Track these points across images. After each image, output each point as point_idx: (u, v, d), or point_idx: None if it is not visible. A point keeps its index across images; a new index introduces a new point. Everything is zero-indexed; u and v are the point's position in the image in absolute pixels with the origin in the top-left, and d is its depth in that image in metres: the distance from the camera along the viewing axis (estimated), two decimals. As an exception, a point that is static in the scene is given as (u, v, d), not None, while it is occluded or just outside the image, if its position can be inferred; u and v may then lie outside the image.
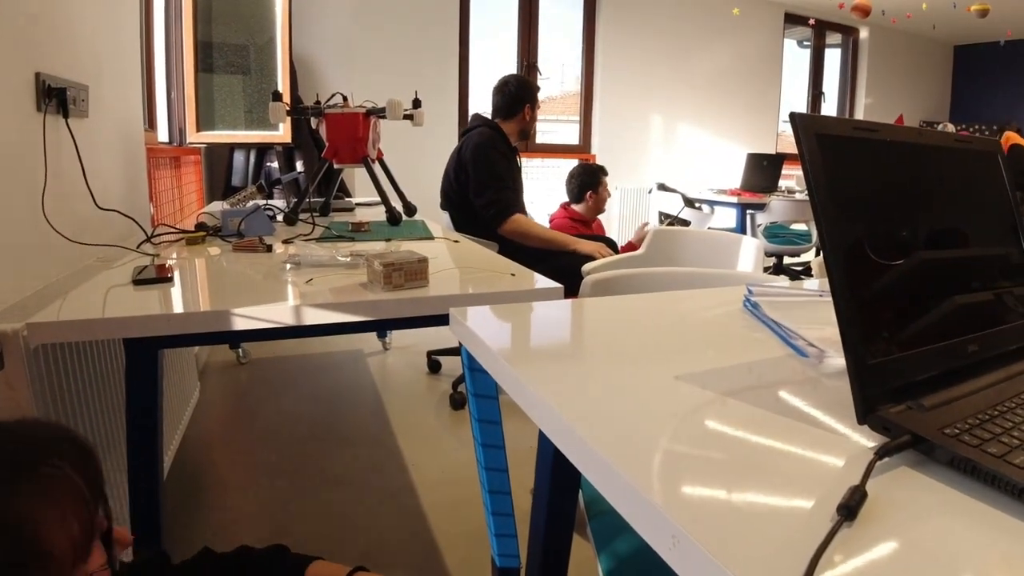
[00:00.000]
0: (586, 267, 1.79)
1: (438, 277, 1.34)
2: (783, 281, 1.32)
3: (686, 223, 4.08)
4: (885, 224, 0.66)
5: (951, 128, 8.04)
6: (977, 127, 8.07)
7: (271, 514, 2.05)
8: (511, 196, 2.85)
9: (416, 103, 2.50)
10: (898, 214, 0.68)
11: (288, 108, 2.40)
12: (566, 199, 3.67)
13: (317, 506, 2.09)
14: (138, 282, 1.32)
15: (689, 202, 4.84)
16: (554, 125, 6.23)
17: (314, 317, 1.19)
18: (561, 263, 2.63)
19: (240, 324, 1.16)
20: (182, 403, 2.50)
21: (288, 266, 1.51)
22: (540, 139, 5.86)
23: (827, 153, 0.61)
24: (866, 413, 0.58)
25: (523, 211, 2.91)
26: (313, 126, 3.71)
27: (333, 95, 2.47)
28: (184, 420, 2.53)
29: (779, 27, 6.92)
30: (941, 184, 0.74)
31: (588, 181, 3.54)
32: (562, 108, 6.28)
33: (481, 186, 2.81)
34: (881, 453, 0.52)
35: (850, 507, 0.45)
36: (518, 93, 3.02)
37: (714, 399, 0.67)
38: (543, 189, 6.02)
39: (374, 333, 3.79)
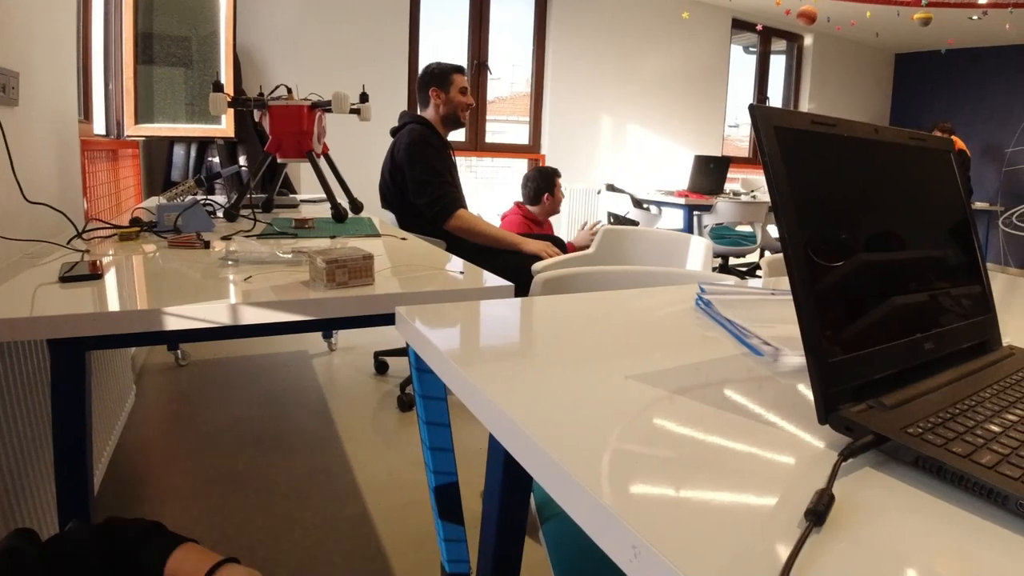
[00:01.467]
0: (536, 266, 1.76)
1: (384, 275, 1.30)
2: (730, 280, 1.31)
3: (634, 223, 4.10)
4: (843, 219, 0.65)
5: (890, 134, 8.26)
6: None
7: (211, 523, 1.97)
8: (452, 192, 2.81)
9: (363, 97, 2.44)
10: (856, 209, 0.67)
11: (230, 99, 2.32)
12: (519, 198, 3.66)
13: (260, 513, 2.02)
14: (65, 279, 1.25)
15: (637, 203, 4.87)
16: (504, 125, 6.20)
17: (253, 316, 1.13)
18: (508, 262, 2.61)
19: (173, 324, 1.10)
20: (116, 408, 2.40)
21: (227, 263, 1.45)
22: (490, 139, 5.83)
23: (786, 146, 0.59)
24: (828, 413, 0.56)
25: (465, 206, 2.88)
26: (256, 119, 3.61)
27: (277, 87, 2.40)
28: (118, 426, 2.42)
29: (726, 32, 7.02)
30: (897, 181, 0.73)
31: (544, 185, 3.56)
32: (512, 108, 6.27)
33: (420, 185, 2.76)
34: (845, 454, 0.51)
35: (818, 512, 0.43)
36: (425, 79, 2.97)
37: (669, 399, 0.65)
38: (493, 188, 5.99)
39: (319, 333, 3.71)
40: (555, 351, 0.82)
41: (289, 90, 2.39)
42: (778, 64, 7.90)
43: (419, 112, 3.00)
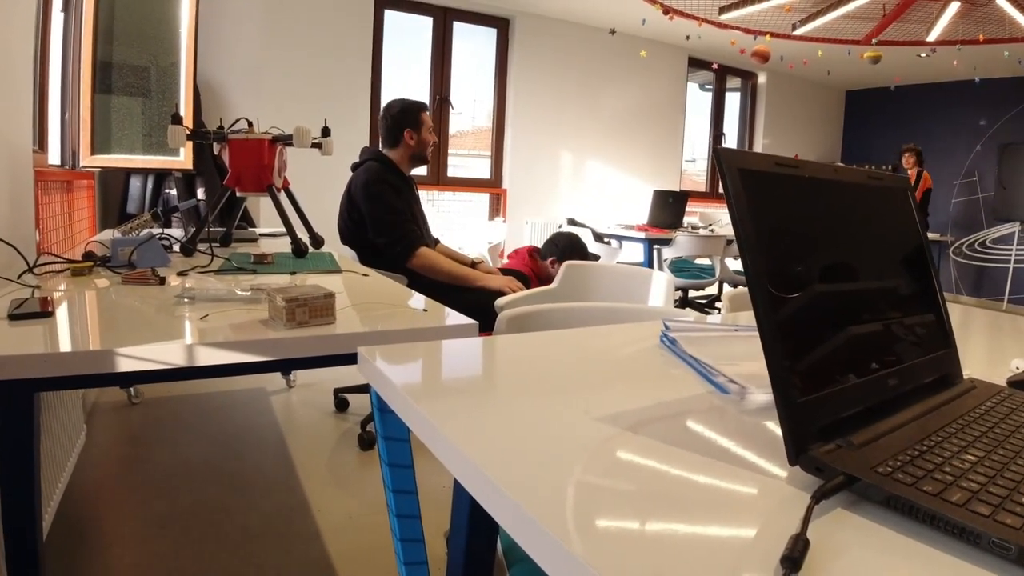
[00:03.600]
0: (499, 302, 1.75)
1: (346, 313, 1.27)
2: (692, 315, 1.32)
3: (595, 257, 4.12)
4: (807, 258, 0.65)
5: (842, 169, 8.48)
6: (866, 167, 8.47)
7: (164, 568, 1.90)
8: (413, 229, 2.79)
9: (325, 132, 2.43)
10: (820, 248, 0.67)
11: (189, 132, 2.29)
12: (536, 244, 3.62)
13: (214, 558, 1.95)
14: (14, 317, 1.20)
15: (598, 237, 4.91)
16: (465, 160, 6.23)
17: (209, 357, 1.10)
18: (471, 298, 2.59)
19: (126, 365, 1.06)
20: (66, 448, 2.31)
21: (183, 300, 1.42)
22: (452, 172, 5.85)
23: (750, 188, 0.59)
24: (798, 454, 0.55)
25: (427, 243, 2.85)
26: (216, 152, 3.57)
27: (237, 120, 2.38)
28: (68, 466, 2.33)
29: (683, 70, 7.18)
30: (858, 220, 0.74)
31: (556, 251, 3.51)
32: (474, 143, 6.30)
33: (380, 225, 2.74)
34: (817, 496, 0.50)
35: (793, 558, 0.42)
36: (397, 119, 2.95)
37: (636, 440, 0.64)
38: (455, 222, 5.99)
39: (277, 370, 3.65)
40: (519, 391, 0.81)
41: (250, 123, 2.37)
42: (733, 101, 8.10)
43: (382, 149, 2.98)
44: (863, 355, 0.67)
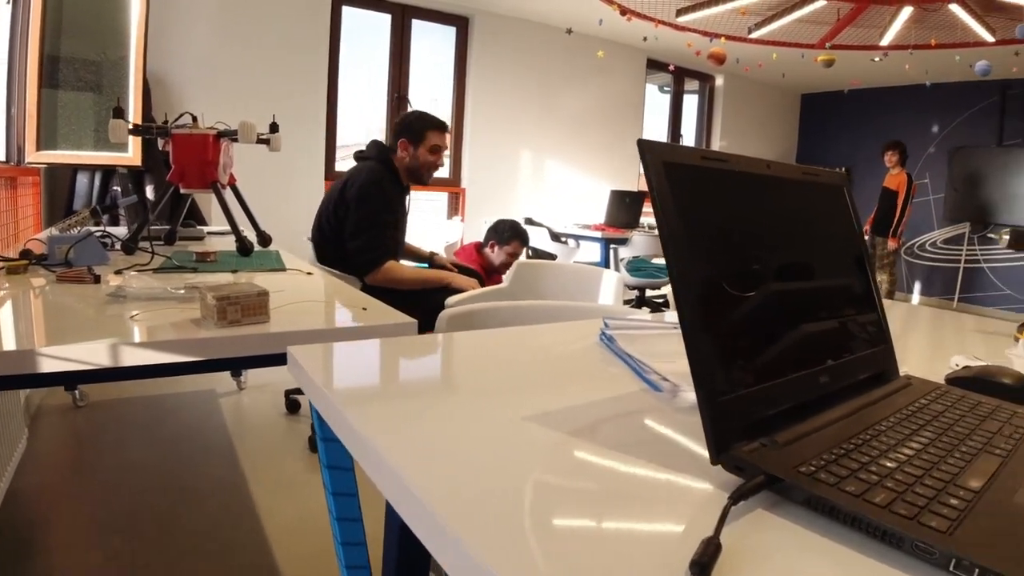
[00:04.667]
0: (449, 300, 1.73)
1: (282, 312, 1.23)
2: (643, 313, 1.30)
3: (552, 256, 4.11)
4: (735, 254, 0.63)
5: (797, 171, 8.59)
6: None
7: (109, 574, 1.84)
8: (387, 244, 2.64)
9: (273, 127, 2.38)
10: (748, 244, 0.66)
11: (131, 127, 2.22)
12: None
13: (160, 563, 1.90)
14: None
15: (555, 236, 4.90)
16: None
17: (136, 357, 1.06)
18: (439, 300, 2.53)
19: (48, 366, 1.02)
20: (5, 453, 2.23)
21: (115, 299, 1.36)
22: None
23: (675, 181, 0.57)
24: (719, 453, 0.54)
25: (396, 255, 2.74)
26: (160, 147, 3.48)
27: (181, 115, 2.32)
28: (8, 473, 2.25)
29: (642, 72, 7.21)
30: (790, 215, 0.73)
31: (495, 235, 3.49)
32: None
33: (358, 229, 2.60)
34: (735, 497, 0.48)
35: (703, 564, 0.40)
36: (401, 126, 2.79)
37: (563, 443, 0.62)
38: (412, 220, 5.92)
39: (227, 372, 3.56)
40: (453, 393, 0.78)
41: (194, 118, 2.31)
42: (691, 103, 8.17)
43: (387, 152, 2.80)
44: (793, 352, 0.66)
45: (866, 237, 6.67)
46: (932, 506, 0.48)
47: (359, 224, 2.60)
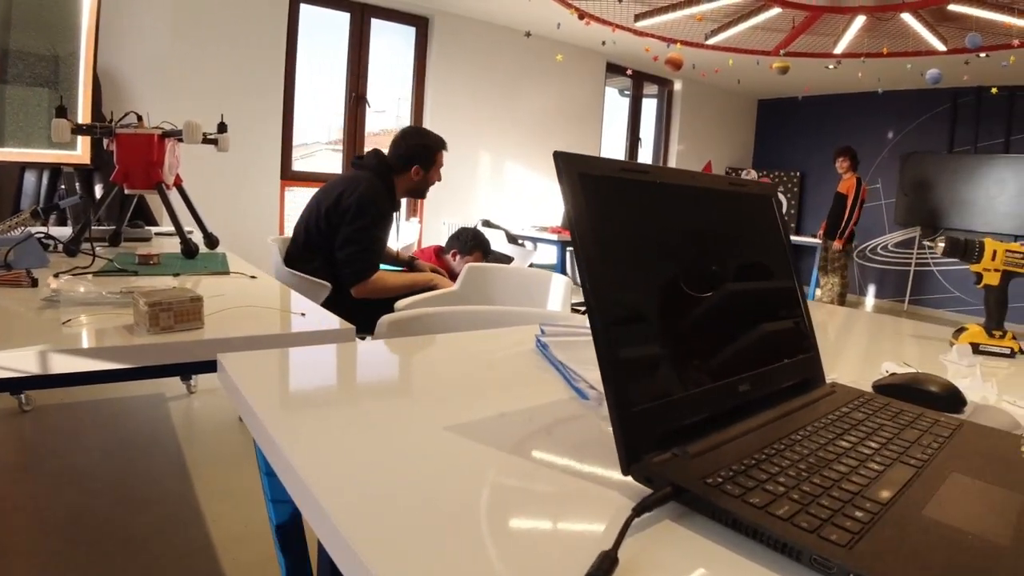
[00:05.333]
0: (399, 304, 1.72)
1: (219, 317, 1.21)
2: (582, 319, 1.31)
3: (509, 259, 4.12)
4: (652, 265, 0.64)
5: (753, 174, 8.74)
6: (776, 173, 8.83)
7: (45, 585, 1.79)
8: (375, 261, 2.61)
9: (221, 127, 2.34)
10: (667, 255, 0.66)
11: (74, 126, 2.17)
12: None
13: (105, 570, 1.85)
14: None
15: (512, 238, 4.91)
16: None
17: (64, 365, 1.02)
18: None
19: (-31, 372, 0.98)
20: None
21: (50, 303, 1.33)
22: (367, 172, 5.75)
23: (591, 193, 0.57)
24: (630, 463, 0.54)
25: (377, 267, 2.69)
26: (105, 146, 3.40)
27: (126, 114, 2.27)
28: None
29: (601, 75, 7.26)
30: (714, 226, 0.74)
31: (458, 244, 3.47)
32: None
33: (348, 241, 2.54)
34: (638, 509, 0.48)
35: (597, 578, 0.40)
36: (410, 152, 2.74)
37: (478, 454, 0.61)
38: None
39: (176, 375, 3.50)
40: (378, 402, 0.77)
41: (139, 117, 2.26)
42: (650, 107, 8.24)
43: (391, 168, 2.75)
44: (713, 361, 0.66)
45: (819, 240, 6.86)
46: (836, 519, 0.49)
47: (351, 236, 2.55)
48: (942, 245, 1.44)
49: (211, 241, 2.30)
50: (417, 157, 2.75)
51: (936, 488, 0.58)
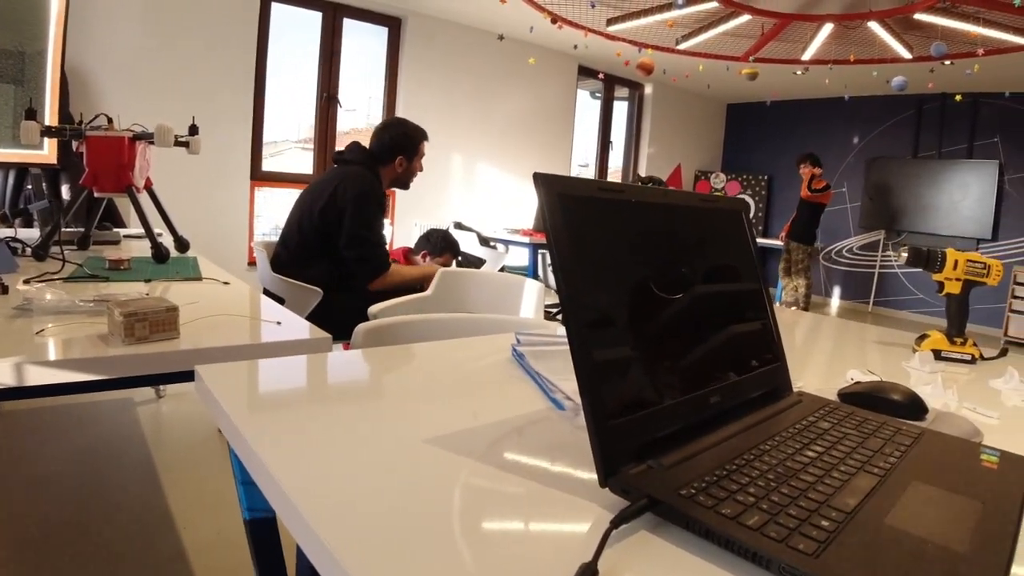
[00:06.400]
0: (372, 309, 1.72)
1: (194, 327, 1.21)
2: (557, 327, 1.32)
3: (481, 261, 4.13)
4: (627, 280, 0.65)
5: (722, 178, 8.85)
6: (745, 176, 8.94)
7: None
8: (386, 251, 2.64)
9: (193, 130, 2.32)
10: (643, 270, 0.68)
11: (43, 128, 2.14)
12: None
13: (64, 581, 1.84)
14: None
15: (484, 241, 4.92)
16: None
17: (41, 377, 1.02)
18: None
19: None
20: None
21: (22, 312, 1.31)
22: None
23: (569, 212, 0.59)
24: (608, 476, 0.55)
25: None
26: (75, 148, 3.35)
27: (96, 116, 2.24)
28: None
29: (573, 78, 7.30)
30: (686, 241, 0.76)
31: (428, 245, 3.48)
32: (366, 141, 6.19)
33: (356, 239, 2.54)
34: (616, 521, 0.50)
35: (579, 592, 0.42)
36: (393, 142, 2.76)
37: (456, 465, 0.63)
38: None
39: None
40: (356, 413, 0.78)
41: (109, 120, 2.24)
42: (621, 110, 8.30)
43: (376, 159, 2.76)
44: (686, 373, 0.68)
45: (781, 243, 6.96)
46: (803, 528, 0.51)
47: (358, 233, 2.55)
48: (905, 255, 1.48)
49: (182, 244, 2.28)
50: (400, 147, 2.77)
51: (898, 496, 0.60)
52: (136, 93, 4.43)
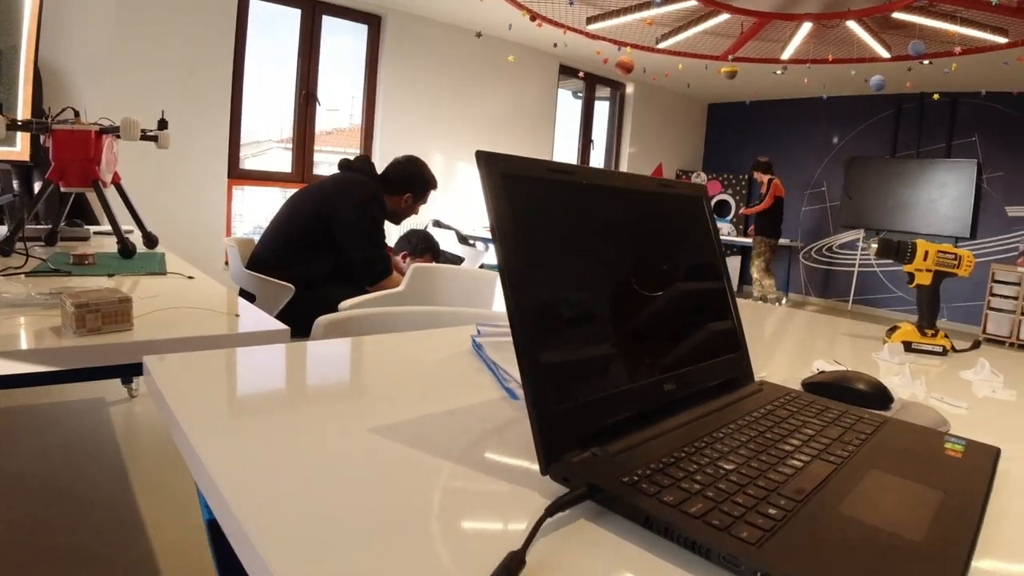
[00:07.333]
0: (343, 304, 1.69)
1: (150, 319, 1.18)
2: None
3: (460, 259, 4.10)
4: (579, 264, 0.64)
5: (703, 177, 8.88)
6: (725, 176, 8.97)
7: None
8: (388, 259, 2.66)
9: (162, 124, 2.28)
10: (594, 255, 0.66)
11: (9, 122, 2.09)
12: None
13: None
14: None
15: (463, 239, 4.90)
16: (332, 156, 6.08)
17: (-12, 367, 0.99)
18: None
19: None
20: None
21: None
22: (317, 170, 5.68)
23: (514, 193, 0.57)
24: (549, 463, 0.53)
25: None
26: (42, 143, 3.29)
27: (63, 109, 2.20)
28: None
29: (554, 77, 7.29)
30: (641, 225, 0.74)
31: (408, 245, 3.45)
32: (351, 141, 6.16)
33: (365, 241, 2.56)
34: (551, 509, 0.48)
35: (502, 581, 0.40)
36: (409, 177, 2.82)
37: (400, 455, 0.60)
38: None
39: (117, 379, 3.40)
40: (305, 405, 0.76)
41: (76, 113, 2.20)
42: (603, 109, 8.30)
43: (384, 182, 2.78)
44: (638, 360, 0.66)
45: (750, 241, 7.09)
46: (750, 516, 0.49)
47: (365, 235, 2.57)
48: (875, 246, 1.48)
49: (150, 240, 2.24)
50: (413, 185, 2.83)
51: (855, 484, 0.59)
52: (110, 89, 4.37)
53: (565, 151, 7.90)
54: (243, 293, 2.47)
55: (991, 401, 1.02)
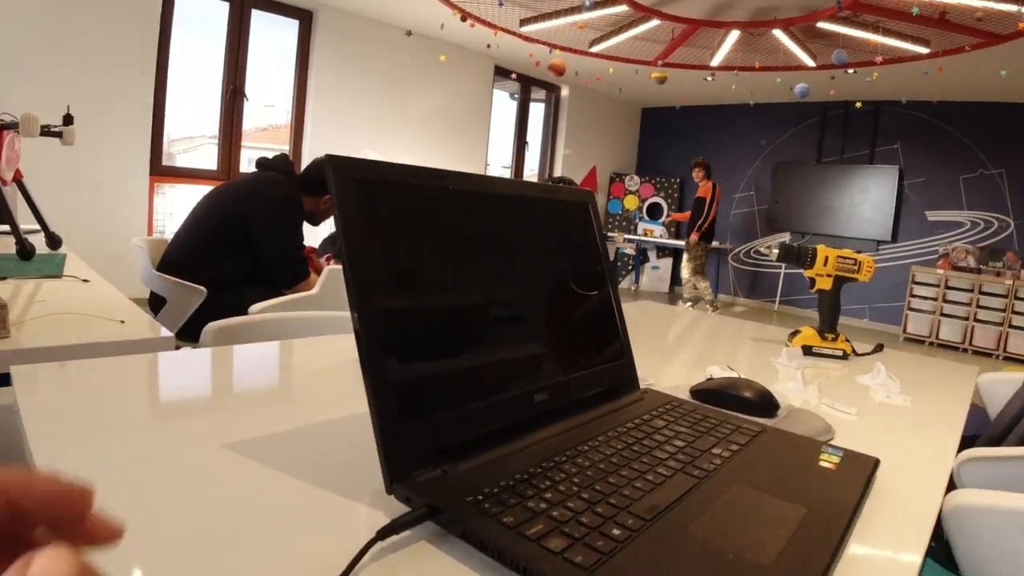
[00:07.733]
0: (252, 308, 1.64)
1: (31, 325, 1.12)
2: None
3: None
4: (441, 275, 0.62)
5: (636, 180, 8.99)
6: (658, 179, 9.10)
7: None
8: (306, 261, 2.60)
9: (67, 119, 2.19)
10: (458, 264, 0.65)
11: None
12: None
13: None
14: None
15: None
16: (268, 153, 5.95)
17: None
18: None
19: None
20: None
21: None
22: (244, 168, 5.55)
23: (367, 200, 0.56)
24: (393, 481, 0.52)
25: None
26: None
27: (-42, 104, 2.09)
28: None
29: (489, 78, 7.28)
30: (517, 232, 0.73)
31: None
32: (283, 137, 6.04)
33: (284, 242, 2.49)
34: (383, 532, 0.47)
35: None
36: (325, 178, 2.66)
37: (251, 471, 0.58)
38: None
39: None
40: (164, 419, 0.73)
41: (-26, 108, 2.09)
42: (538, 111, 8.33)
43: (302, 183, 2.67)
44: (504, 372, 0.65)
45: (682, 244, 7.20)
46: (591, 538, 0.48)
47: (283, 236, 2.50)
48: (776, 251, 1.51)
49: (53, 241, 2.15)
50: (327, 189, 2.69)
51: (714, 500, 0.58)
52: (20, 82, 4.17)
53: (500, 153, 7.90)
54: (154, 296, 2.39)
55: (884, 407, 1.03)
